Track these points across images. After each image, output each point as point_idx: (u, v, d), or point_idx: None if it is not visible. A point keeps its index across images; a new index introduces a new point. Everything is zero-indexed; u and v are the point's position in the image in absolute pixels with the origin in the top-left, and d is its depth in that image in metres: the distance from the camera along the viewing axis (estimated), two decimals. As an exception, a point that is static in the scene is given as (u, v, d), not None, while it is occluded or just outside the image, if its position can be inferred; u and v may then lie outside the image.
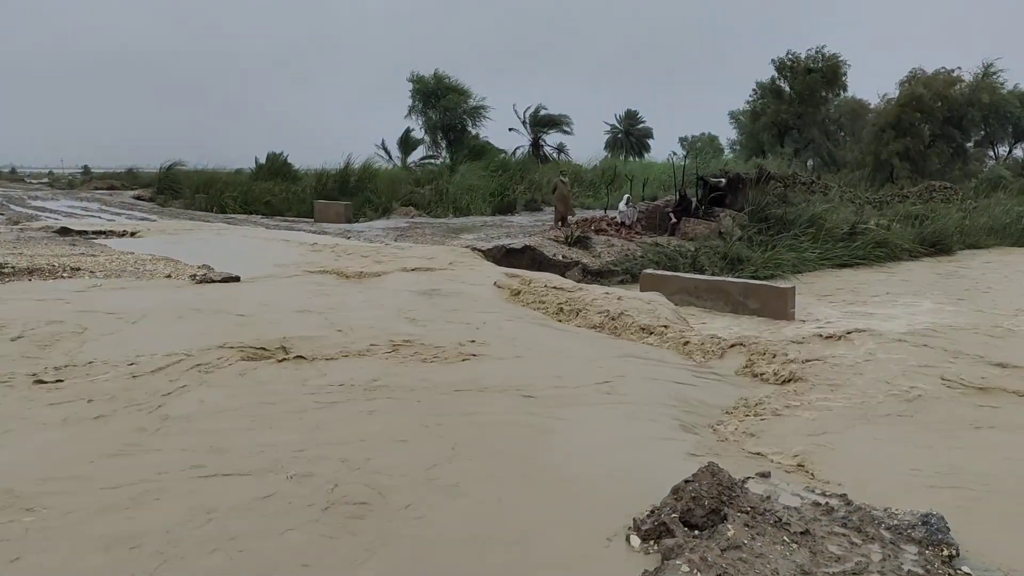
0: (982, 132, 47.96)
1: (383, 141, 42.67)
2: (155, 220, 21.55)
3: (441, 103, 40.49)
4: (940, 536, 3.34)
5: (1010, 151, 51.10)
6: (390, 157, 41.81)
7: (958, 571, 3.17)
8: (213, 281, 10.49)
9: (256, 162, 33.51)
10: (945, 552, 3.26)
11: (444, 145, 42.12)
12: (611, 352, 7.86)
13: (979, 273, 18.28)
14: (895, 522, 3.52)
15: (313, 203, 25.69)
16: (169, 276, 10.85)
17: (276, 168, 32.43)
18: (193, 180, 30.86)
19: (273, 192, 28.32)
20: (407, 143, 42.65)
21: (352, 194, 27.64)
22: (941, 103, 40.57)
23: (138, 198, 32.19)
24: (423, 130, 42.42)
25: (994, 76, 44.98)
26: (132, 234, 17.11)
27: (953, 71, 42.89)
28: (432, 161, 41.42)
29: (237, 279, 10.78)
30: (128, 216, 22.63)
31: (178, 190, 30.79)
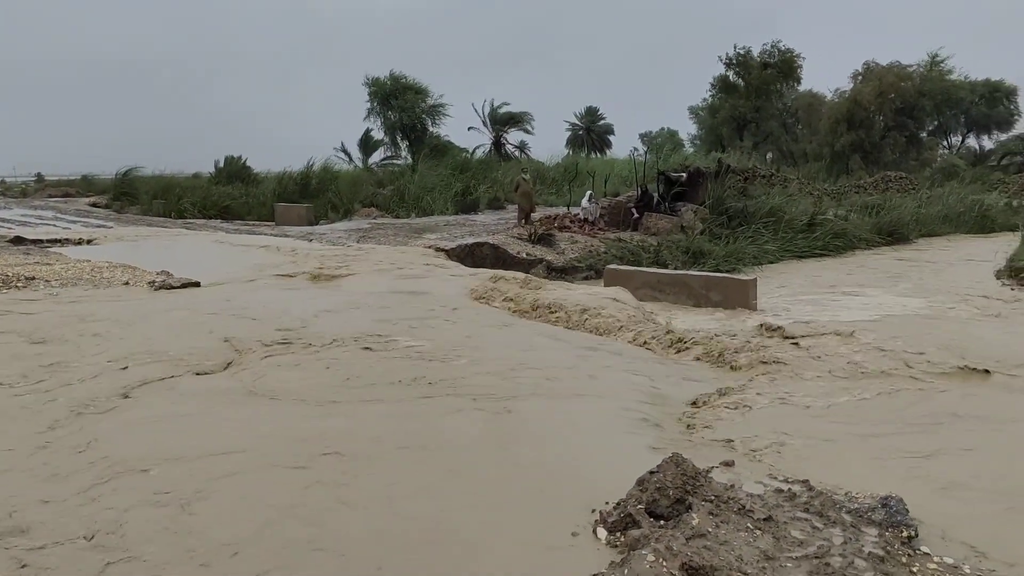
0: (935, 122, 48.96)
1: (342, 143, 42.45)
2: (112, 227, 21.19)
3: (398, 103, 40.32)
4: (899, 518, 3.40)
5: (963, 140, 52.27)
6: (351, 159, 41.61)
7: (917, 551, 3.23)
8: (172, 287, 10.34)
9: (216, 166, 33.12)
10: (904, 533, 3.32)
11: (404, 145, 41.98)
12: (575, 347, 7.89)
13: (936, 261, 18.64)
14: (856, 506, 3.58)
15: (274, 206, 25.46)
16: (127, 283, 10.68)
17: (235, 172, 32.07)
18: (150, 186, 30.39)
19: (233, 196, 28.00)
20: (367, 144, 42.45)
21: (313, 196, 27.45)
22: (893, 96, 41.33)
23: (94, 205, 31.60)
24: (382, 131, 42.26)
25: (940, 65, 45.93)
26: (88, 242, 16.81)
27: (909, 66, 43.72)
28: (393, 162, 41.25)
29: (197, 284, 10.65)
30: (84, 224, 22.22)
31: (135, 196, 30.31)
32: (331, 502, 3.82)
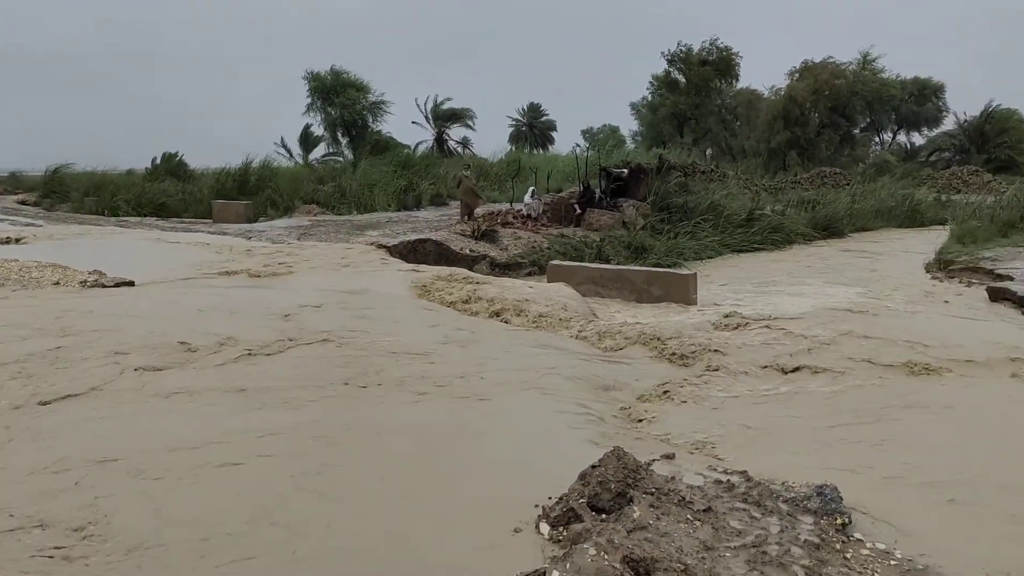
0: (867, 119, 50.28)
1: (282, 139, 41.78)
2: (41, 226, 20.51)
3: (339, 99, 39.86)
4: (834, 506, 3.48)
5: (894, 137, 53.79)
6: (291, 155, 40.98)
7: (851, 537, 3.31)
8: (105, 287, 10.06)
9: (152, 162, 32.33)
10: (838, 520, 3.40)
11: (345, 142, 41.51)
12: (519, 343, 7.90)
13: (869, 254, 19.14)
14: (792, 495, 3.65)
15: (211, 203, 24.94)
16: (58, 283, 10.35)
17: (171, 168, 31.35)
18: (82, 183, 29.47)
19: (168, 193, 27.36)
20: (307, 140, 41.85)
21: (252, 193, 26.97)
22: (828, 93, 42.30)
23: (22, 203, 30.51)
24: (322, 127, 41.74)
25: (873, 64, 47.22)
26: (16, 240, 16.23)
27: (842, 65, 44.78)
28: (334, 158, 40.76)
29: (131, 284, 10.37)
30: (11, 222, 21.46)
31: (66, 194, 29.37)
32: (271, 498, 3.75)
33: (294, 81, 51.94)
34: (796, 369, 6.50)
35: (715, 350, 7.24)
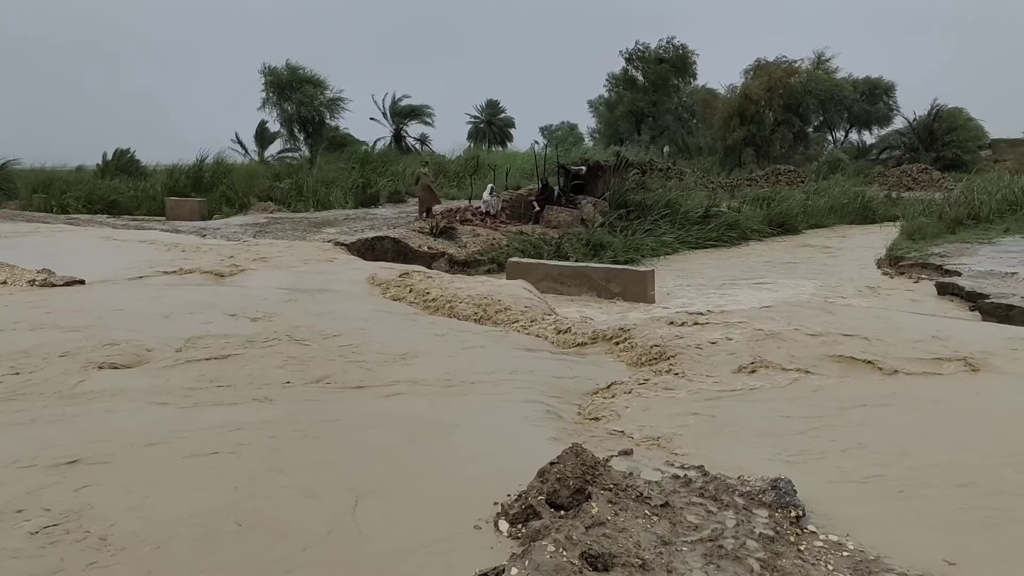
0: (820, 118, 51.18)
1: (236, 135, 41.18)
2: (-13, 223, 20.00)
3: (296, 95, 39.46)
4: (788, 499, 3.54)
5: (846, 135, 54.82)
6: (246, 151, 40.41)
7: (804, 530, 3.37)
8: (55, 286, 9.84)
9: (104, 158, 31.68)
10: (793, 513, 3.45)
11: (302, 138, 41.10)
12: (478, 341, 7.90)
13: (823, 251, 19.49)
14: (747, 488, 3.70)
15: (165, 201, 24.54)
16: (4, 282, 10.10)
17: (123, 165, 30.76)
18: (30, 179, 28.78)
19: (120, 190, 26.86)
20: (263, 137, 41.32)
21: (207, 190, 26.61)
22: (782, 91, 42.95)
23: (-33, 201, 29.76)
24: (279, 123, 41.26)
25: (827, 64, 48.08)
26: (-39, 239, 15.82)
27: (795, 62, 45.52)
28: (290, 155, 40.32)
29: (82, 282, 10.16)
30: (-44, 220, 20.90)
31: (12, 191, 28.68)
32: (224, 495, 3.70)
33: (251, 76, 51.25)
34: (752, 364, 6.58)
35: (673, 346, 7.30)
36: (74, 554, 3.21)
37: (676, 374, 6.51)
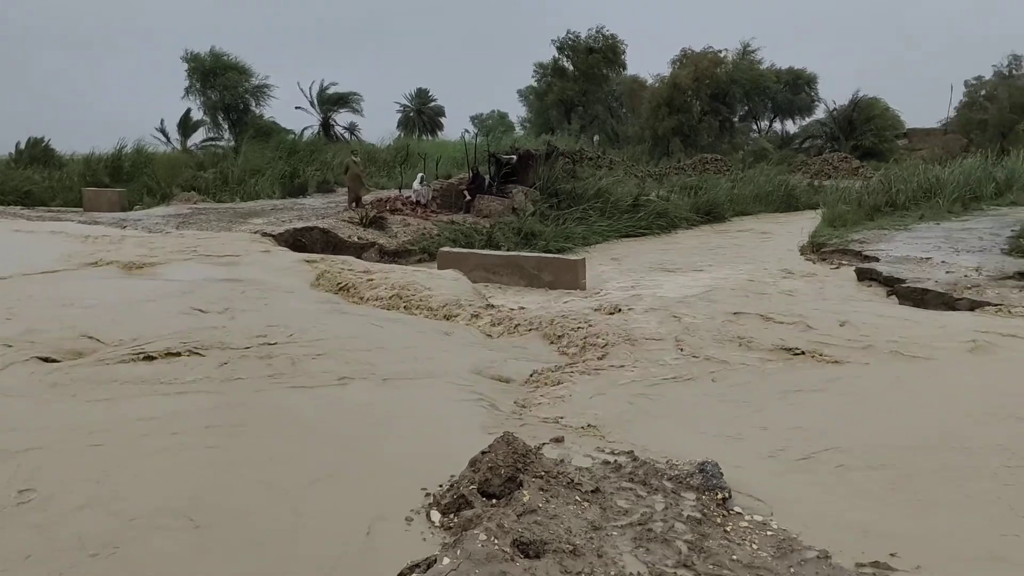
0: (746, 107, 52.23)
1: (162, 122, 39.91)
2: None
3: (220, 82, 38.44)
4: (714, 482, 3.61)
5: (770, 125, 56.08)
6: (168, 140, 39.20)
7: (730, 511, 3.45)
8: (-36, 281, 9.41)
9: (16, 147, 30.37)
10: (719, 496, 3.53)
11: (227, 127, 40.08)
12: (409, 330, 7.85)
13: (749, 238, 19.91)
14: (676, 472, 3.77)
15: (82, 191, 23.67)
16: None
17: (37, 154, 29.54)
18: (-64, 170, 27.47)
19: (34, 180, 25.79)
20: (186, 125, 40.14)
21: (127, 180, 25.75)
22: (708, 81, 43.67)
23: None
24: (202, 111, 40.14)
25: (751, 54, 49.11)
26: None
27: (721, 52, 46.33)
28: (215, 143, 39.29)
29: (-7, 277, 9.74)
30: None
31: (-84, 183, 27.29)
32: (162, 485, 3.61)
33: (173, 63, 49.76)
34: (682, 350, 6.69)
35: (604, 334, 7.38)
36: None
37: (608, 361, 6.58)
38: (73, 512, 3.52)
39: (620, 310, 8.56)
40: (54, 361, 6.07)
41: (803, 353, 6.51)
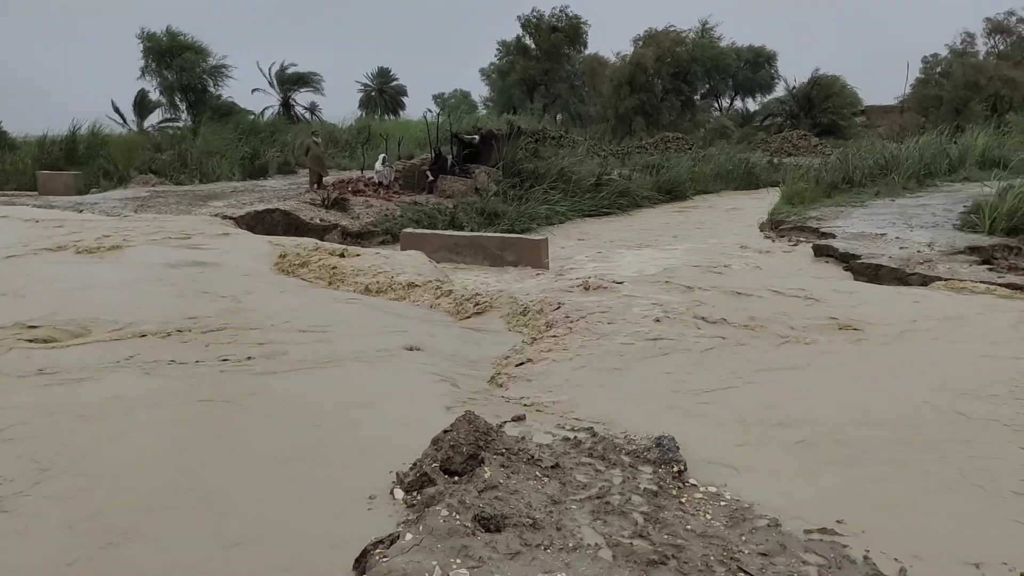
0: (707, 86, 52.61)
1: (112, 102, 39.06)
2: None
3: (176, 62, 37.80)
4: (671, 455, 3.72)
5: (731, 103, 56.57)
6: (124, 121, 38.49)
7: (686, 483, 3.55)
8: (-84, 268, 9.24)
9: (-33, 131, 29.69)
10: (675, 468, 3.63)
11: (184, 107, 39.47)
12: (373, 311, 7.88)
13: (710, 216, 20.14)
14: (633, 447, 3.87)
15: (36, 175, 23.20)
16: None
17: (-14, 138, 28.93)
18: None
19: (-15, 164, 25.26)
20: (143, 106, 39.44)
21: (82, 163, 25.26)
22: (670, 60, 43.88)
23: None
24: (159, 91, 39.46)
25: (711, 32, 49.41)
26: None
27: (683, 32, 46.55)
28: (172, 125, 38.65)
29: (-53, 263, 9.57)
30: None
31: None
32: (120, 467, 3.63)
33: (129, 42, 48.71)
34: (643, 328, 6.79)
35: (567, 312, 7.46)
36: None
37: (570, 339, 6.66)
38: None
39: (584, 288, 8.65)
40: None
41: (763, 328, 6.63)
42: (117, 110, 38.75)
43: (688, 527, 3.12)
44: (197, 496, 3.55)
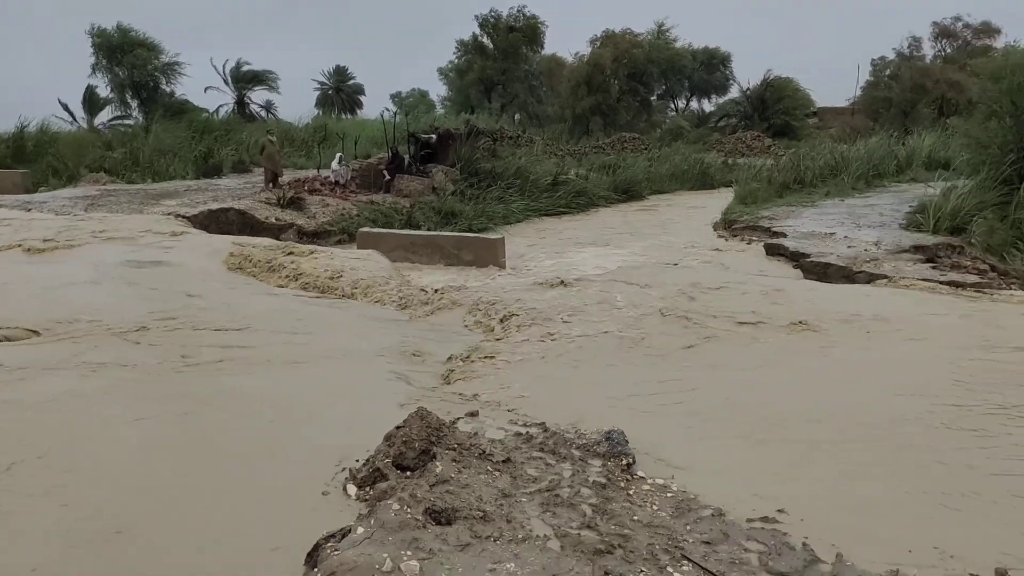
0: (663, 87, 53.08)
1: (60, 100, 38.12)
2: None
3: (127, 59, 37.09)
4: (620, 448, 3.80)
5: (687, 104, 57.16)
6: (74, 119, 37.65)
7: (634, 476, 3.64)
8: None
9: (-91, 130, 28.76)
10: (624, 462, 3.72)
11: (135, 105, 38.73)
12: (329, 310, 7.88)
13: (664, 215, 20.37)
14: (584, 441, 3.94)
15: (-19, 174, 22.64)
16: None
17: (-69, 136, 28.08)
18: None
19: (-73, 162, 24.56)
20: (92, 103, 38.61)
21: (31, 161, 24.67)
22: (627, 61, 44.22)
23: None
24: (109, 88, 38.66)
25: (667, 34, 49.91)
26: None
27: (639, 34, 46.95)
28: (123, 122, 37.91)
29: None
30: None
31: None
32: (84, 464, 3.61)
33: (78, 38, 47.66)
34: (598, 326, 6.88)
35: (522, 311, 7.53)
36: None
37: (524, 336, 6.73)
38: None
39: (541, 286, 8.73)
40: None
41: (720, 325, 6.75)
42: (66, 107, 37.90)
43: (635, 518, 3.20)
44: (150, 494, 3.55)
